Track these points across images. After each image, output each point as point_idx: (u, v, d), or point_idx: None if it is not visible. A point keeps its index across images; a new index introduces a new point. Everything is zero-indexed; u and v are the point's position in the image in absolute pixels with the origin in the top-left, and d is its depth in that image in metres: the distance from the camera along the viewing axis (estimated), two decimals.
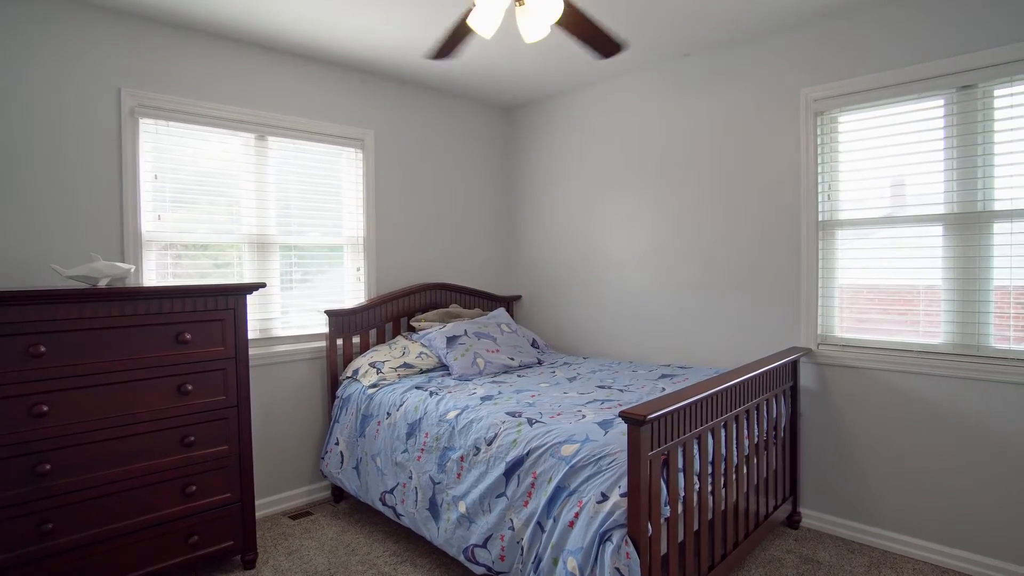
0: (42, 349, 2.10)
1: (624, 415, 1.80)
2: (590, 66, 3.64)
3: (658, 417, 1.84)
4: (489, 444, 2.37)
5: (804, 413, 3.06)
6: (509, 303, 4.47)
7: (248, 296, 2.68)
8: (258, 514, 3.21)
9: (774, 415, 2.77)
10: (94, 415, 2.23)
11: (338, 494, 3.44)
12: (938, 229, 2.67)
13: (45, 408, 2.11)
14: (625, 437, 1.94)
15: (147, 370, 2.36)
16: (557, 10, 2.03)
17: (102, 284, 2.37)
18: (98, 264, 2.38)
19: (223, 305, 2.56)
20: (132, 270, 2.51)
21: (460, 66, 3.62)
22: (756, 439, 2.59)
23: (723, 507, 2.31)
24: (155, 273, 2.91)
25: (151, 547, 2.37)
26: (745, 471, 2.49)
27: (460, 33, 2.31)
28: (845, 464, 2.94)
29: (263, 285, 2.66)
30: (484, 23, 2.05)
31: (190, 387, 2.46)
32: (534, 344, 3.95)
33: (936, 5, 2.62)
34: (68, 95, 2.66)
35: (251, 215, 3.23)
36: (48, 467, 2.11)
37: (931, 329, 2.72)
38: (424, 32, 3.06)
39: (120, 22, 2.79)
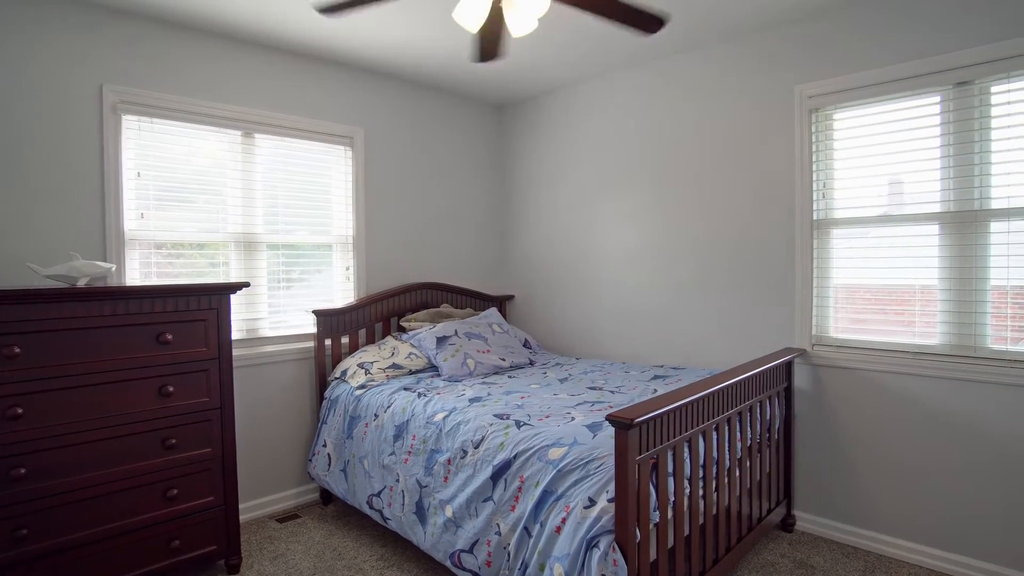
0: (16, 350, 2.05)
1: (611, 418, 1.75)
2: (581, 64, 3.59)
3: (646, 420, 1.79)
4: (476, 447, 2.32)
5: (798, 415, 3.02)
6: (502, 303, 4.43)
7: (234, 296, 2.64)
8: (245, 517, 3.16)
9: (768, 417, 2.72)
10: (71, 417, 2.18)
11: (326, 497, 3.39)
12: (934, 228, 2.63)
13: (20, 411, 2.05)
14: (614, 440, 1.89)
15: (127, 371, 2.31)
16: (544, 3, 1.98)
17: (81, 284, 2.32)
18: (77, 263, 2.34)
19: (206, 305, 2.51)
20: (113, 269, 2.46)
21: (451, 63, 3.57)
22: (749, 442, 2.54)
23: (715, 511, 2.27)
24: (138, 273, 2.86)
25: (131, 552, 2.32)
26: (738, 474, 2.45)
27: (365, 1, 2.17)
28: (840, 467, 2.89)
29: (247, 284, 2.61)
30: (469, 17, 2.00)
31: (171, 388, 2.41)
32: (526, 344, 3.90)
33: (932, 0, 2.58)
34: (48, 91, 2.60)
35: (238, 214, 3.18)
36: (23, 471, 2.06)
37: (927, 330, 2.68)
38: (418, 29, 3.01)
39: (102, 16, 2.73)
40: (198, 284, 2.47)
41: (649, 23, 2.25)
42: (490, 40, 2.39)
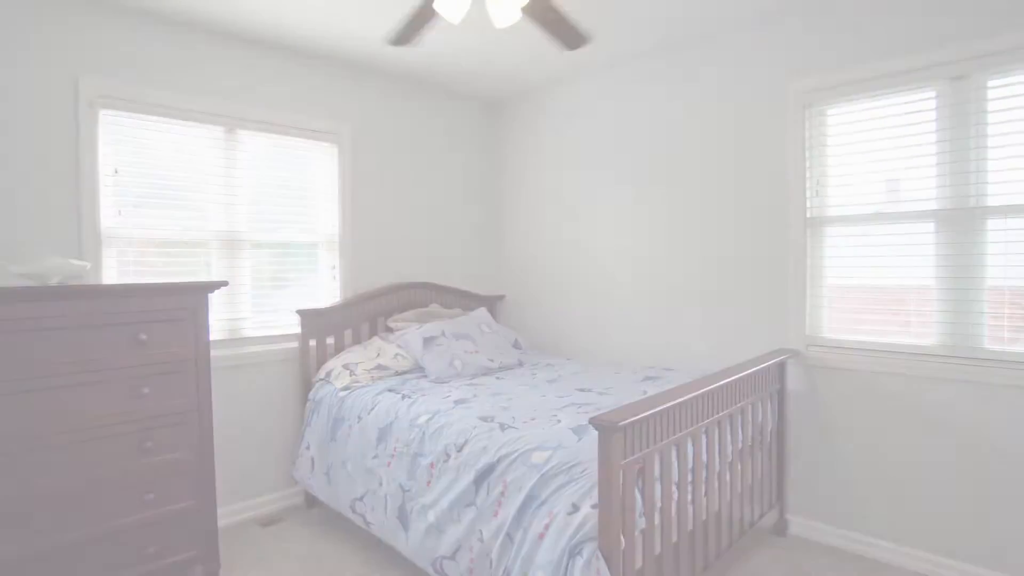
0: None
1: (594, 422, 1.69)
2: (571, 61, 3.53)
3: (632, 424, 1.73)
4: (459, 450, 2.26)
5: (792, 417, 2.96)
6: (492, 303, 4.36)
7: (215, 295, 2.57)
8: (228, 521, 3.09)
9: (760, 419, 2.66)
10: (42, 421, 2.10)
11: (311, 500, 3.32)
12: (930, 226, 2.57)
13: None
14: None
15: (100, 373, 2.23)
16: None
17: (53, 282, 2.25)
18: (50, 261, 2.27)
19: (183, 304, 2.44)
20: (87, 268, 2.39)
21: (441, 60, 3.51)
22: (741, 444, 2.48)
23: (704, 516, 2.21)
24: (116, 271, 2.79)
25: (103, 559, 2.24)
26: (728, 478, 2.39)
27: (423, 17, 2.19)
28: (834, 469, 2.83)
29: (225, 283, 2.54)
30: (451, 7, 1.94)
31: (147, 390, 2.34)
32: (516, 345, 3.83)
33: None
34: (22, 84, 2.53)
35: (220, 211, 3.11)
36: None
37: (923, 330, 2.62)
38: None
39: (79, 8, 2.66)
40: (174, 283, 2.40)
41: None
42: (561, 28, 2.32)
